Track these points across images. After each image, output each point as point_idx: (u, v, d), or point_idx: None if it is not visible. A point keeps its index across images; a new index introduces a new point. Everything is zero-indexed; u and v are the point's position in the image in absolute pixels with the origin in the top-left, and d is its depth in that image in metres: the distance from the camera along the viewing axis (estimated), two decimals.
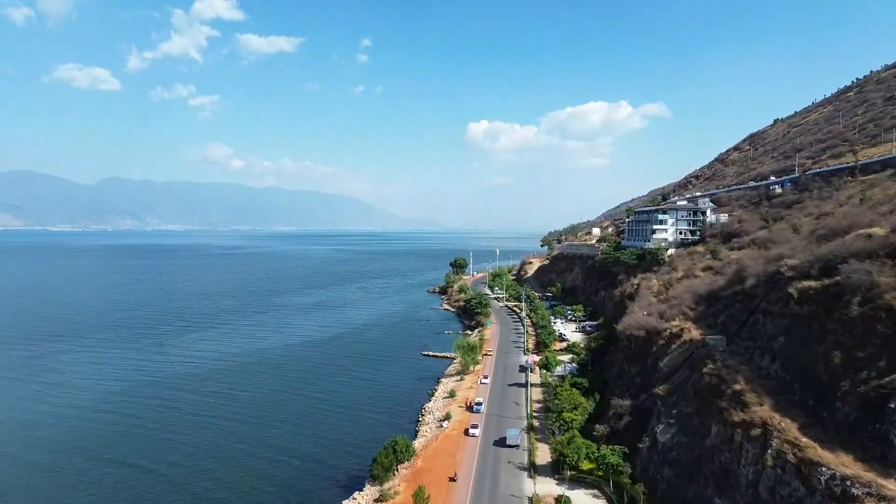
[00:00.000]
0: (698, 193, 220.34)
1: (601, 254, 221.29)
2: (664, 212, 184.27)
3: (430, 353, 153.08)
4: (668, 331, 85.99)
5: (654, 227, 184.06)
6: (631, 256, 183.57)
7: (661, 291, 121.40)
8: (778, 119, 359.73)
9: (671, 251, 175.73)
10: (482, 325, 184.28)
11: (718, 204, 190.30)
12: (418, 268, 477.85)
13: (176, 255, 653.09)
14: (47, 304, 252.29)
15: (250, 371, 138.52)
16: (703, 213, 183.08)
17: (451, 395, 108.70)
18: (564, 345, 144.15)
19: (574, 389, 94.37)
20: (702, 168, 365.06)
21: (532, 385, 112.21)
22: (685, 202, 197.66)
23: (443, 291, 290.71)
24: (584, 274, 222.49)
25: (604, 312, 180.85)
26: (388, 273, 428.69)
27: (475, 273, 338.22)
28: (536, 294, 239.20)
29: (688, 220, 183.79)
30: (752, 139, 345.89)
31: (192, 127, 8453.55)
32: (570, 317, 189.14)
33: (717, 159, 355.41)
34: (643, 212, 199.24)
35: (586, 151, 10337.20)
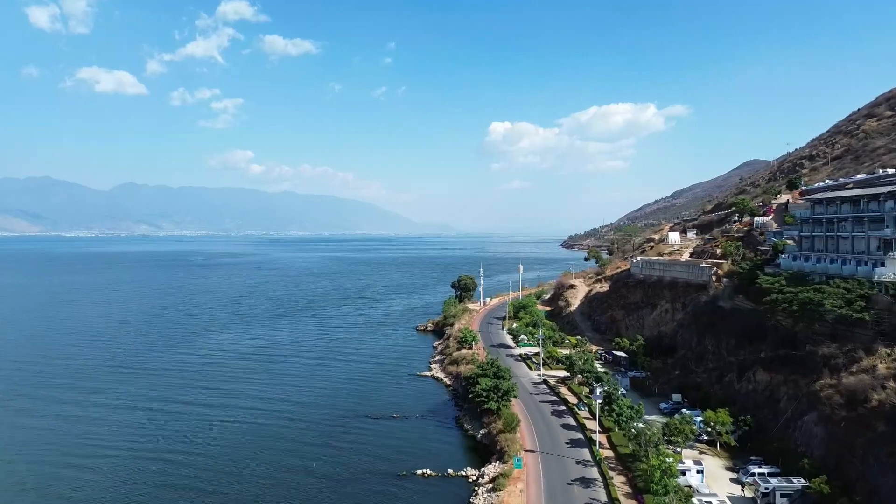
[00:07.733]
0: None
1: (724, 286, 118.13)
2: None
3: None
4: None
5: (891, 231, 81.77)
6: (843, 302, 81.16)
7: None
8: None
9: None
10: (502, 455, 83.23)
11: None
12: (422, 283, 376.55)
13: (147, 266, 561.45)
14: None
15: None
16: None
17: None
18: None
19: None
20: (813, 145, 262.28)
21: None
22: None
23: (438, 331, 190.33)
24: (695, 323, 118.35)
25: (792, 437, 78.22)
26: (383, 291, 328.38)
27: (487, 300, 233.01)
28: (594, 348, 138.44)
29: None
30: (891, 101, 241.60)
31: (213, 132, 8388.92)
32: (701, 432, 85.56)
33: (838, 131, 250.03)
34: (845, 199, 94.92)
35: (607, 154, 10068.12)
